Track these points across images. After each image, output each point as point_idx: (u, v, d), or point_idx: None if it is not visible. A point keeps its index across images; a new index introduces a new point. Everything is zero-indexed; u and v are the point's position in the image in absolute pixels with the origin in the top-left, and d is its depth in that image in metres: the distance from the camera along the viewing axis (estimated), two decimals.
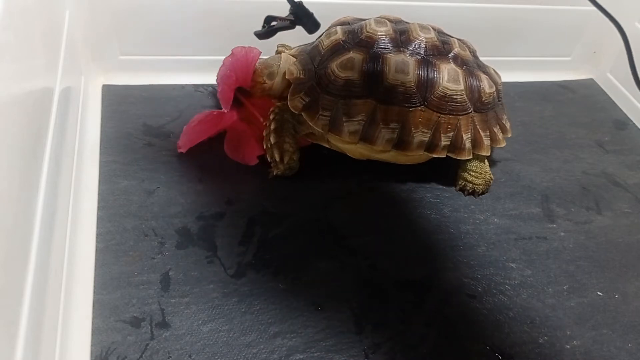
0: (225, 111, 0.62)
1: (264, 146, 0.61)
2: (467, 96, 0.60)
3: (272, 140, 0.60)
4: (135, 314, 0.49)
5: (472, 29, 0.75)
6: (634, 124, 0.82)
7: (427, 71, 0.59)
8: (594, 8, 0.55)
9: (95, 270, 0.52)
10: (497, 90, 0.64)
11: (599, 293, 0.57)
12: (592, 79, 0.90)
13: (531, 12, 0.81)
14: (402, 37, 0.60)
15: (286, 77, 0.61)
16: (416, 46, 0.60)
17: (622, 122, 0.82)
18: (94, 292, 0.50)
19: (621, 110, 0.84)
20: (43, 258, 0.42)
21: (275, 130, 0.60)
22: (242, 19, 0.72)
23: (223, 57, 0.61)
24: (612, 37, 0.61)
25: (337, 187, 0.64)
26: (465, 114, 0.61)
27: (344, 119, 0.59)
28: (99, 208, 0.57)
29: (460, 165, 0.65)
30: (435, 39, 0.61)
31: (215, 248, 0.55)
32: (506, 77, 0.69)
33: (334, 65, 0.59)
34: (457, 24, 0.70)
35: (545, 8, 0.81)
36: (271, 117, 0.61)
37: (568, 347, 0.52)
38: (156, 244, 0.55)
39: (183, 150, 0.64)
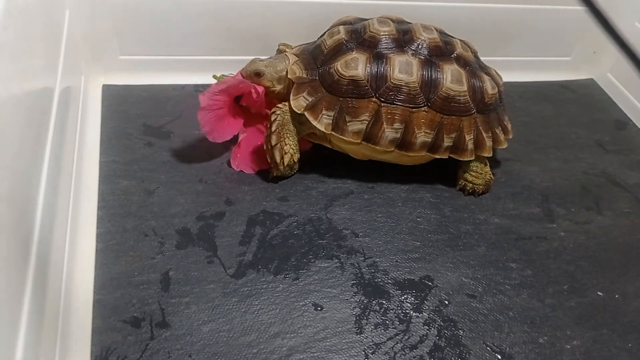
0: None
1: (265, 147, 0.61)
2: (470, 97, 0.60)
3: (272, 142, 0.60)
4: (135, 314, 0.49)
5: (472, 29, 0.75)
6: (634, 124, 0.82)
7: (430, 72, 0.59)
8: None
9: (95, 270, 0.52)
10: (499, 91, 0.64)
11: (599, 293, 0.57)
12: (592, 79, 0.89)
13: (531, 12, 0.80)
14: (405, 37, 0.60)
15: (288, 76, 0.61)
16: (419, 46, 0.60)
17: (622, 122, 0.82)
18: (94, 292, 0.50)
19: (621, 110, 0.84)
20: (43, 258, 0.42)
21: (276, 132, 0.60)
22: (242, 19, 0.72)
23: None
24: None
25: (337, 187, 0.64)
26: (468, 115, 0.61)
27: (347, 118, 0.59)
28: (99, 208, 0.57)
29: (460, 166, 0.65)
30: (438, 39, 0.61)
31: (215, 248, 0.55)
32: (506, 77, 0.69)
33: (338, 65, 0.59)
34: (457, 24, 0.69)
35: (545, 8, 0.81)
36: (272, 118, 0.60)
37: (568, 347, 0.52)
38: (156, 244, 0.55)
39: (218, 140, 0.62)
